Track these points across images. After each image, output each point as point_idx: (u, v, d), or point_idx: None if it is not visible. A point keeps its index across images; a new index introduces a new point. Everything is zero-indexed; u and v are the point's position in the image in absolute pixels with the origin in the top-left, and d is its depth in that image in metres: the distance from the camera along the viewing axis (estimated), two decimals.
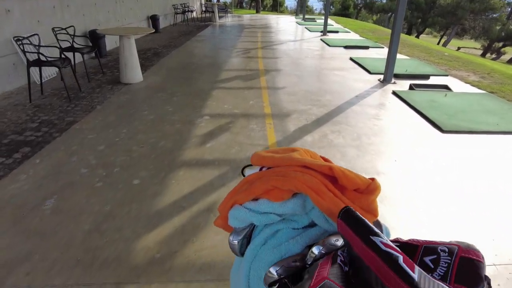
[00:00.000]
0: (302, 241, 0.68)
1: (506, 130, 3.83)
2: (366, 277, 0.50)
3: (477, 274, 0.49)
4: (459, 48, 29.52)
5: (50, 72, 5.57)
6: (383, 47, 9.40)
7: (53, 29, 5.29)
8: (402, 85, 5.62)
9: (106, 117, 4.02)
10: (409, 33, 30.45)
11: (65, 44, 5.42)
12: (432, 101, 4.78)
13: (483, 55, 27.15)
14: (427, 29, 30.93)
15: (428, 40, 30.94)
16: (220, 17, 17.39)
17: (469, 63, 7.71)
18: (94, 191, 2.57)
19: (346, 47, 9.20)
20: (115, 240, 2.08)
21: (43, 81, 5.05)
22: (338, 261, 0.54)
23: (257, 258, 0.70)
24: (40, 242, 2.06)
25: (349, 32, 12.82)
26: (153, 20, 11.41)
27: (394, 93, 5.18)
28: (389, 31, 16.57)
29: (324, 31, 11.59)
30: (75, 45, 5.59)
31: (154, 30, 5.40)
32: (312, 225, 0.72)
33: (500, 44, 26.75)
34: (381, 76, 6.07)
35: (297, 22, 15.89)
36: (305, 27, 13.84)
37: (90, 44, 5.73)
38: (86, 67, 5.79)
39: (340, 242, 0.61)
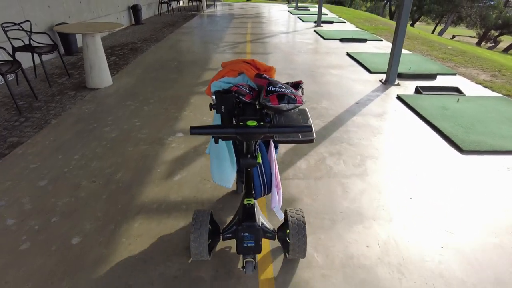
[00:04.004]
0: None
1: None
2: (260, 90, 1.61)
3: (298, 83, 1.72)
4: (454, 37, 28.87)
5: None
6: (381, 40, 8.72)
7: (1, 25, 4.51)
8: (407, 87, 4.99)
9: (60, 135, 3.34)
10: None
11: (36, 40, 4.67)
12: (444, 108, 4.16)
13: (478, 43, 26.57)
14: (421, 17, 30.17)
15: (422, 28, 30.19)
16: (208, 5, 16.49)
17: (476, 59, 7.09)
18: (16, 257, 1.92)
19: (342, 40, 8.51)
20: None
21: None
22: (248, 88, 1.67)
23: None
24: None
25: (345, 22, 12.09)
26: (135, 10, 10.56)
27: (399, 98, 4.54)
28: (386, 20, 15.80)
29: (318, 22, 10.84)
30: (33, 44, 4.85)
31: (123, 26, 4.67)
32: None
33: (495, 32, 26.15)
34: (383, 76, 5.43)
35: (289, 11, 15.08)
36: (298, 17, 13.07)
37: (52, 42, 4.98)
38: (51, 67, 5.06)
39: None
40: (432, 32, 28.17)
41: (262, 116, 1.56)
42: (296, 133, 1.39)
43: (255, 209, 1.69)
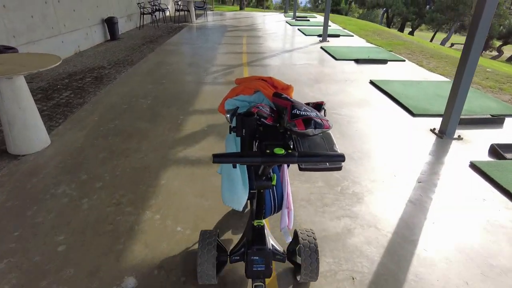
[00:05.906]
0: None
1: None
2: (280, 111, 1.46)
3: (320, 104, 1.58)
4: (452, 45, 27.81)
5: None
6: (404, 60, 7.29)
7: None
8: (473, 143, 3.52)
9: None
10: (401, 29, 28.54)
11: None
12: None
13: None
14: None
15: (419, 35, 29.08)
16: (197, 16, 15.00)
17: None
18: None
19: (357, 61, 7.04)
20: None
21: None
22: (269, 110, 1.52)
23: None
24: None
25: (352, 35, 10.67)
26: (110, 24, 9.00)
27: (473, 166, 3.05)
28: (394, 31, 14.39)
29: (324, 36, 9.38)
30: None
31: (59, 62, 3.11)
32: None
33: (496, 41, 25.06)
34: (432, 122, 3.95)
35: (287, 22, 13.65)
36: (298, 29, 11.64)
37: None
38: None
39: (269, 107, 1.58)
40: (431, 41, 27.04)
41: (285, 141, 1.41)
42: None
43: (265, 231, 1.59)
